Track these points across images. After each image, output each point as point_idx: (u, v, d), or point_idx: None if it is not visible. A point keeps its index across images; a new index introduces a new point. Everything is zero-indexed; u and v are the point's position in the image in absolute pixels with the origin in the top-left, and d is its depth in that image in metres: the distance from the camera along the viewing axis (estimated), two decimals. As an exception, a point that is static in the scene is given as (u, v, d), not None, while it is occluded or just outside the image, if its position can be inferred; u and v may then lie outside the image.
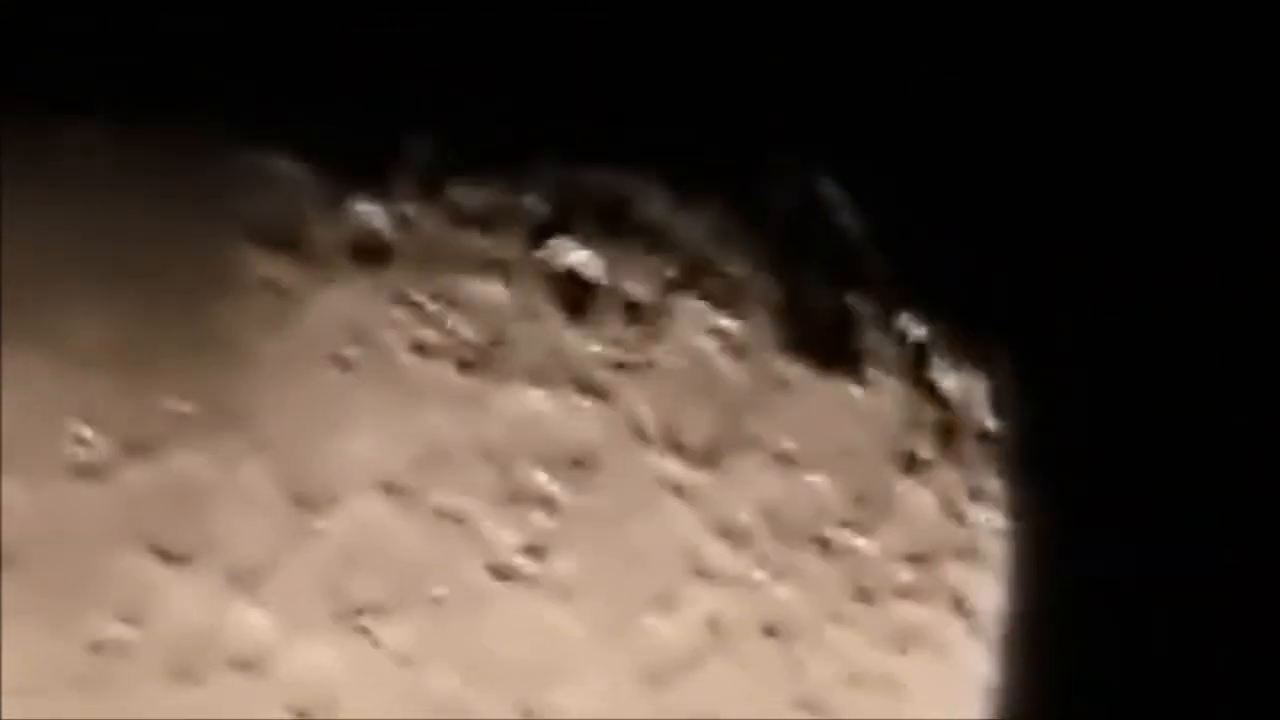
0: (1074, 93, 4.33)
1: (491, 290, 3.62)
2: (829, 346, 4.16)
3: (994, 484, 4.48)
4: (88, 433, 3.13)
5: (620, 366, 3.80)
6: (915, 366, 4.32)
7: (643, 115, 3.82)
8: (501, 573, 3.63)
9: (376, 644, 3.46)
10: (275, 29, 3.30)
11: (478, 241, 3.60)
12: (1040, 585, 4.50)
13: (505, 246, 3.64)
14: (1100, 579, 4.49)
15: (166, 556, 3.22)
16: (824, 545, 4.14)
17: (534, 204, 3.67)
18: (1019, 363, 4.47)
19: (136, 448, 3.19)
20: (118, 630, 3.17)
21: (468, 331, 3.59)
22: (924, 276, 4.30)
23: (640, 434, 3.84)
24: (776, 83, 4.01)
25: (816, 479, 4.13)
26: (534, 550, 3.68)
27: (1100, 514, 4.50)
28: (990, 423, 4.46)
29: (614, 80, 3.79)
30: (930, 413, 4.35)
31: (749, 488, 4.02)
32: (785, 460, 4.08)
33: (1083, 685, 4.51)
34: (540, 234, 3.69)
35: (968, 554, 4.42)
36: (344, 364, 3.43)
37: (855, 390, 4.21)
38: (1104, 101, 4.35)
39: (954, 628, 4.40)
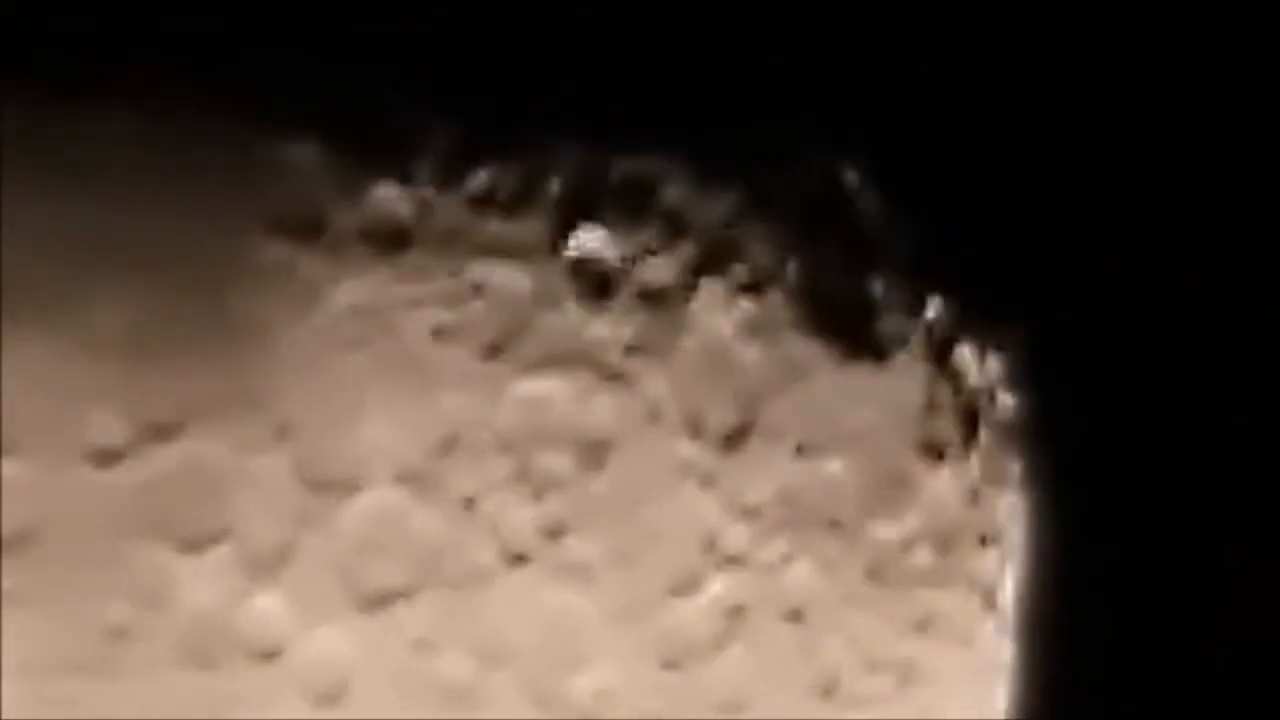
0: (1095, 77, 4.31)
1: (511, 276, 3.60)
2: (850, 331, 4.16)
3: (1015, 468, 4.48)
4: (105, 418, 3.11)
5: (639, 351, 3.78)
6: (937, 350, 4.32)
7: (664, 100, 3.80)
8: (519, 558, 3.63)
9: (392, 630, 3.46)
10: (294, 13, 3.27)
11: (498, 227, 3.58)
12: (1061, 570, 4.50)
13: (525, 232, 3.62)
14: (1122, 564, 4.48)
15: (183, 542, 3.21)
16: (843, 529, 4.14)
17: (555, 189, 3.64)
18: (1042, 346, 4.46)
19: (154, 433, 3.17)
20: (133, 616, 3.16)
21: (487, 317, 3.57)
22: (946, 260, 4.30)
23: (659, 419, 3.83)
24: (798, 66, 4.00)
25: (836, 463, 4.13)
26: (552, 535, 3.68)
27: (1123, 499, 4.49)
28: (1012, 407, 4.45)
29: (635, 64, 3.77)
30: (951, 397, 4.34)
31: (768, 472, 4.02)
32: (805, 445, 4.07)
33: (1103, 671, 4.50)
34: (561, 219, 3.67)
35: (988, 538, 4.42)
36: (363, 350, 3.41)
37: (876, 374, 4.20)
38: (1125, 85, 4.33)
39: (974, 612, 4.41)
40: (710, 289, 3.92)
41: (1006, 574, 4.48)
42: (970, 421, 4.38)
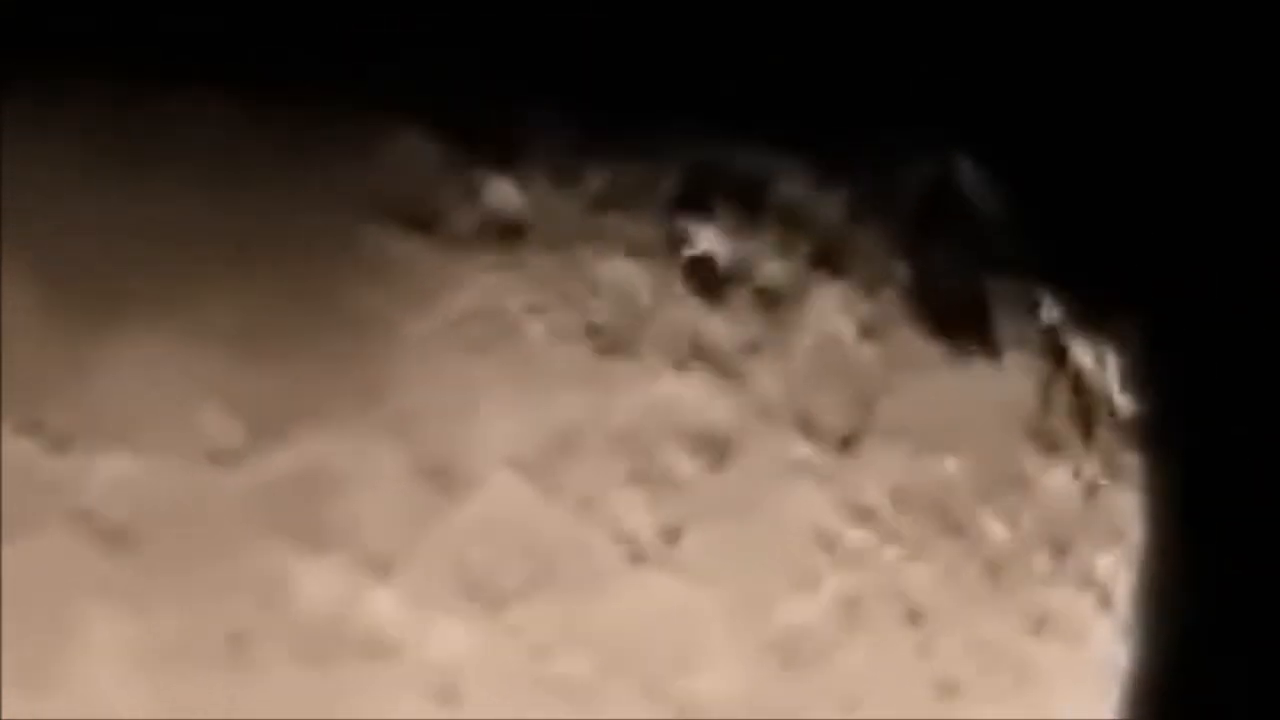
0: (1210, 70, 4.14)
1: (627, 272, 3.47)
2: (964, 328, 4.02)
3: (1132, 465, 4.33)
4: (220, 415, 2.99)
5: (756, 350, 3.64)
6: (1052, 347, 4.18)
7: (780, 98, 3.67)
8: (636, 556, 3.50)
9: (509, 629, 3.33)
10: (414, 3, 3.14)
11: (613, 223, 3.45)
12: (1178, 570, 4.36)
13: (641, 228, 3.50)
14: (1241, 564, 4.32)
15: (300, 540, 3.09)
16: (959, 528, 4.00)
17: (670, 186, 3.51)
18: (1158, 342, 4.32)
19: (270, 430, 3.05)
20: (250, 614, 3.04)
21: (602, 314, 3.44)
22: (1063, 257, 4.17)
23: (774, 416, 3.69)
24: (911, 62, 3.88)
25: (952, 461, 3.99)
26: (668, 533, 3.55)
27: (1242, 497, 4.33)
28: (1128, 404, 4.31)
29: (751, 61, 3.64)
30: (1067, 394, 4.21)
31: (884, 470, 3.89)
32: (921, 443, 3.93)
33: (1220, 671, 4.34)
34: (676, 216, 3.53)
35: (1104, 537, 4.28)
36: (481, 347, 3.29)
37: (991, 372, 4.06)
38: (1242, 78, 4.16)
39: (1090, 612, 4.27)
40: (826, 288, 3.77)
41: (1123, 573, 4.32)
42: (1087, 419, 4.24)
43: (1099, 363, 4.26)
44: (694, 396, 3.58)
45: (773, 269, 3.69)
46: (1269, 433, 4.32)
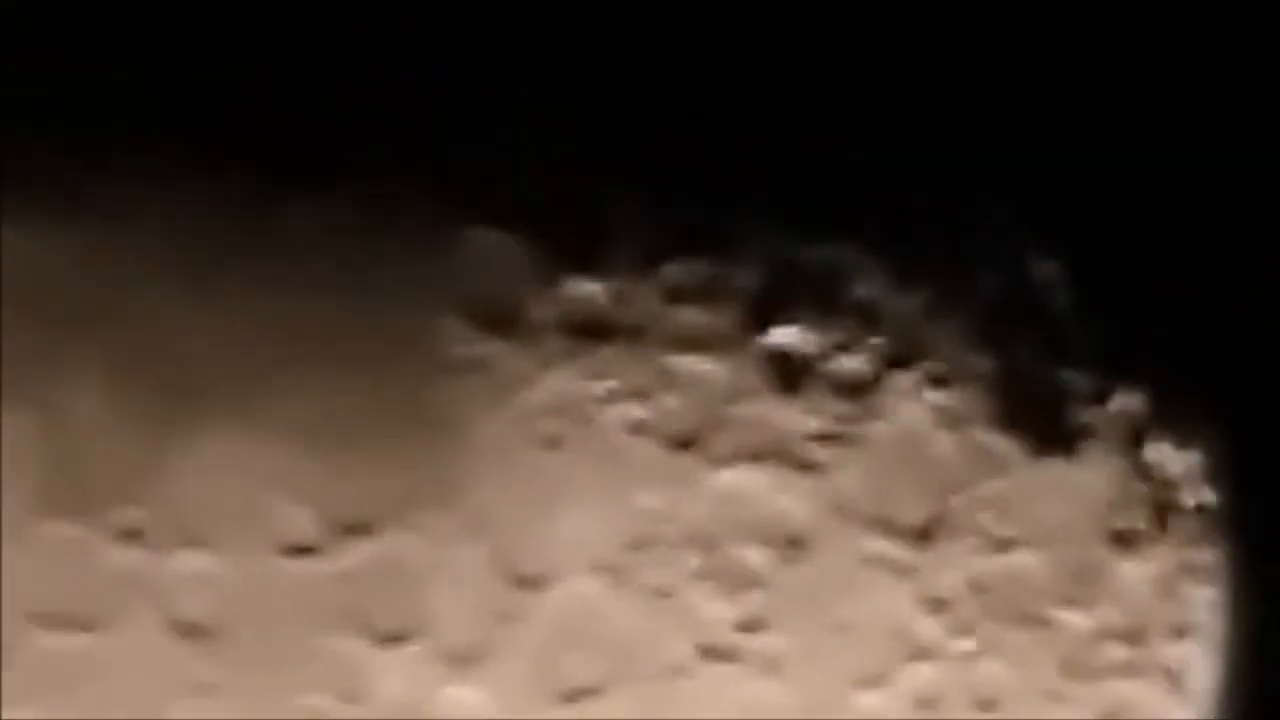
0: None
1: (705, 367, 3.42)
2: (1041, 423, 3.94)
3: (1209, 560, 4.23)
4: (298, 511, 2.96)
5: (832, 444, 3.58)
6: (1128, 442, 4.09)
7: (856, 194, 3.62)
8: (713, 651, 3.44)
9: (587, 723, 3.26)
10: (488, 105, 3.13)
11: (692, 318, 3.41)
12: (1257, 662, 4.24)
13: (719, 324, 3.45)
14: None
15: (379, 636, 3.04)
16: (1036, 622, 3.92)
17: (748, 281, 3.46)
18: (1233, 437, 4.22)
19: (349, 527, 3.03)
20: (329, 709, 3.00)
21: (681, 409, 3.38)
22: (1136, 352, 4.08)
23: (851, 511, 3.63)
24: (987, 160, 3.81)
25: (1029, 556, 3.90)
26: (746, 628, 3.49)
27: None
28: (1205, 498, 4.22)
29: (827, 159, 3.59)
30: (1143, 488, 4.12)
31: (960, 565, 3.81)
32: (997, 537, 3.85)
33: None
34: (754, 311, 3.49)
35: (1182, 631, 4.18)
36: (558, 442, 3.25)
37: (1068, 466, 3.98)
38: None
39: (1166, 705, 4.16)
40: (902, 382, 3.71)
41: (1199, 666, 4.22)
42: (1162, 513, 4.14)
43: (1176, 457, 4.18)
44: (770, 490, 3.52)
45: (850, 363, 3.63)
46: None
